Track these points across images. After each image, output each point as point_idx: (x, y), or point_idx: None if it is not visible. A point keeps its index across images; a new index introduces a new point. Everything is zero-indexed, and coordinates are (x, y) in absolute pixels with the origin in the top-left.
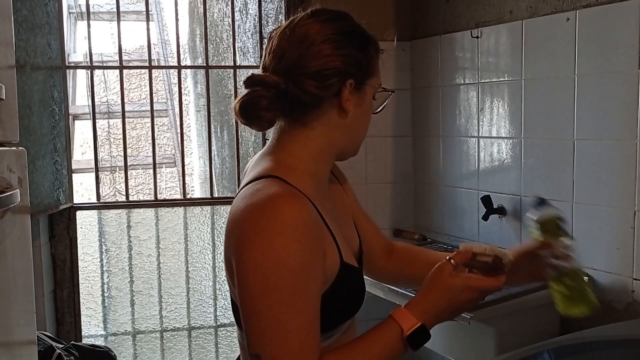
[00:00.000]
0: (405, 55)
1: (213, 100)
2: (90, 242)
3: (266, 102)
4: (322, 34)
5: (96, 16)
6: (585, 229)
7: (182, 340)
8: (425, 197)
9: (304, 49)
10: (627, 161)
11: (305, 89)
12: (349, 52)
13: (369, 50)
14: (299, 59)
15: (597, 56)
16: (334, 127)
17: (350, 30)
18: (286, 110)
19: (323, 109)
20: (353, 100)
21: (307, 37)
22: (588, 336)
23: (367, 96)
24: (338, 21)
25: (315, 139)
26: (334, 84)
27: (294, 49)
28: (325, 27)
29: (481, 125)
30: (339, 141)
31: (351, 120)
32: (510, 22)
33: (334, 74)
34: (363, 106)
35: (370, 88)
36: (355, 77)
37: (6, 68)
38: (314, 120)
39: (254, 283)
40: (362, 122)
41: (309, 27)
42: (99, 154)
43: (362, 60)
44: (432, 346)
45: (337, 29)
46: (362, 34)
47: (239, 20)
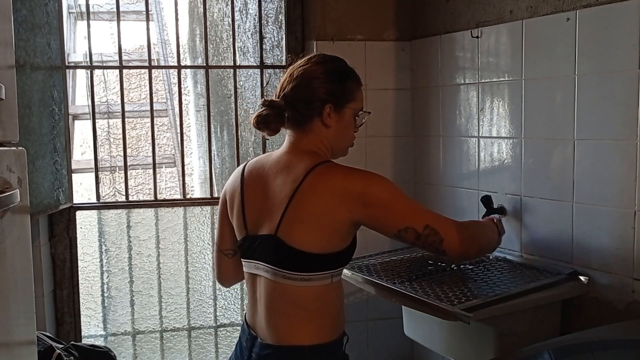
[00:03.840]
0: (405, 55)
1: (213, 100)
2: (90, 242)
3: (272, 117)
4: (313, 74)
5: (96, 16)
6: (585, 229)
7: (182, 340)
8: (425, 197)
9: (299, 83)
10: (627, 161)
11: (297, 109)
12: (329, 87)
13: (348, 84)
14: (295, 90)
15: (597, 56)
16: (324, 135)
17: (333, 70)
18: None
19: (314, 122)
20: (334, 118)
21: (303, 75)
22: (588, 336)
23: (346, 116)
24: (326, 64)
25: (317, 140)
26: (317, 107)
27: (294, 83)
28: (316, 68)
29: (481, 125)
30: (329, 144)
31: (335, 131)
32: (511, 22)
33: (317, 100)
34: (343, 122)
35: (349, 110)
36: (333, 103)
37: (6, 68)
38: (310, 130)
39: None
40: (345, 133)
41: (306, 68)
42: (98, 154)
43: (340, 91)
44: (432, 346)
45: (323, 70)
46: (343, 72)
47: (239, 20)
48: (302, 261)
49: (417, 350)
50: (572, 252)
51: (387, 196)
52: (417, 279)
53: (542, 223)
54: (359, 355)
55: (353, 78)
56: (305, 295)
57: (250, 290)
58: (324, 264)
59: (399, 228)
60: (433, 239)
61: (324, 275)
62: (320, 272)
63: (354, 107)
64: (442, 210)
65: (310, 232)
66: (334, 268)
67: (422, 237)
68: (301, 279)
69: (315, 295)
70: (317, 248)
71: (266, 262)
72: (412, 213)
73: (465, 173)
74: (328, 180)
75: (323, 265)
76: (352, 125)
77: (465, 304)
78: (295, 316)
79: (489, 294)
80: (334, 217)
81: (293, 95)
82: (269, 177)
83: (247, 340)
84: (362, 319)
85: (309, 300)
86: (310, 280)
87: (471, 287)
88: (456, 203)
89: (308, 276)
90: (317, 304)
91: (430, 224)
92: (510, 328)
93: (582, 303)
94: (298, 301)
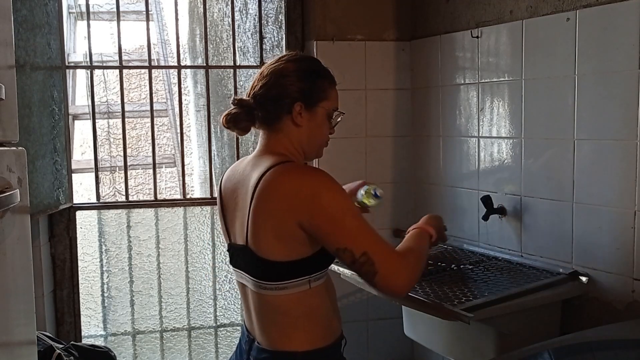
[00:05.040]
0: (405, 55)
1: (213, 100)
2: (90, 242)
3: (241, 116)
4: (285, 71)
5: (96, 16)
6: (585, 229)
7: (182, 340)
8: (425, 197)
9: (269, 80)
10: (627, 161)
11: (266, 108)
12: (300, 85)
13: (319, 83)
14: (265, 87)
15: (597, 56)
16: (294, 135)
17: (305, 68)
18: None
19: (284, 121)
20: (306, 117)
21: (274, 73)
22: (588, 336)
23: (319, 115)
24: (298, 62)
25: (286, 141)
26: (287, 105)
27: (264, 81)
28: (289, 66)
29: (481, 125)
30: (300, 144)
31: (306, 131)
32: (511, 22)
33: (287, 98)
34: (316, 121)
35: (321, 109)
36: (303, 101)
37: (6, 68)
38: (280, 129)
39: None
40: (318, 133)
41: (277, 66)
42: (98, 154)
43: (312, 89)
44: (432, 346)
45: (296, 68)
46: (316, 71)
47: (239, 20)
48: (272, 270)
49: (417, 350)
50: (572, 252)
51: (335, 210)
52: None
53: (542, 223)
54: (359, 355)
55: (325, 77)
56: (285, 304)
57: (242, 298)
58: (294, 271)
59: (337, 247)
60: (367, 269)
61: (299, 282)
62: (293, 279)
63: (326, 106)
64: (442, 210)
65: (270, 240)
66: (309, 274)
67: (357, 264)
68: (276, 288)
69: (295, 303)
70: (282, 256)
71: (247, 273)
72: (356, 235)
73: (465, 173)
74: (278, 184)
75: (294, 272)
76: (325, 125)
77: (466, 304)
78: (283, 324)
79: (489, 294)
80: (285, 223)
81: (262, 93)
82: (238, 183)
83: (246, 342)
84: (362, 319)
85: (291, 308)
86: (285, 289)
87: (471, 287)
88: (456, 203)
89: (283, 284)
90: (300, 310)
91: (368, 252)
92: (510, 328)
93: (582, 303)
94: (280, 309)
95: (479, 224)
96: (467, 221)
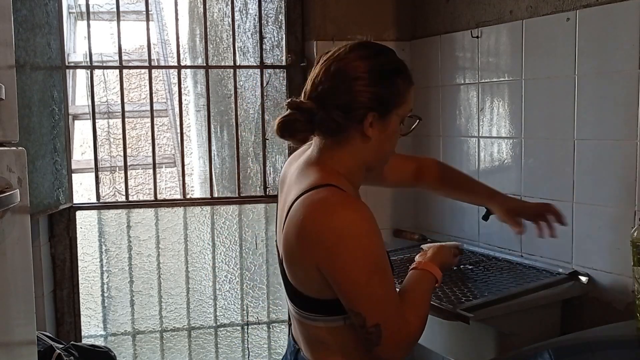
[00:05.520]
0: (405, 55)
1: (213, 100)
2: (90, 242)
3: (300, 124)
4: (356, 72)
5: (96, 16)
6: (585, 229)
7: (182, 340)
8: (425, 197)
9: (338, 83)
10: (627, 161)
11: (332, 117)
12: (375, 90)
13: (397, 85)
14: (331, 91)
15: (597, 56)
16: (361, 148)
17: (381, 68)
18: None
19: (350, 134)
20: (377, 128)
21: (342, 73)
22: (588, 336)
23: (392, 123)
24: (373, 59)
25: (346, 156)
26: (358, 115)
27: (330, 81)
28: (359, 64)
29: (481, 125)
30: (366, 158)
31: (376, 143)
32: (511, 22)
33: (359, 107)
34: (387, 131)
35: (396, 116)
36: (378, 111)
37: (6, 68)
38: (345, 141)
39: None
40: (387, 144)
41: (346, 63)
42: (98, 154)
43: (388, 95)
44: (432, 346)
45: (370, 67)
46: (393, 70)
47: (239, 20)
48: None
49: (417, 350)
50: (572, 252)
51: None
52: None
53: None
54: None
55: (404, 76)
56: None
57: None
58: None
59: (350, 307)
60: (373, 340)
61: (333, 319)
62: (326, 316)
63: (402, 112)
64: (442, 210)
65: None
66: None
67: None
68: (307, 317)
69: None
70: (312, 292)
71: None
72: (375, 304)
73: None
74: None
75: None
76: (396, 133)
77: (466, 304)
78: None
79: (489, 294)
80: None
81: (328, 97)
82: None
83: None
84: None
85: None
86: (316, 321)
87: (471, 287)
88: (456, 203)
89: (314, 317)
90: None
91: (381, 325)
92: (510, 328)
93: (582, 303)
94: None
95: (479, 224)
96: (467, 221)
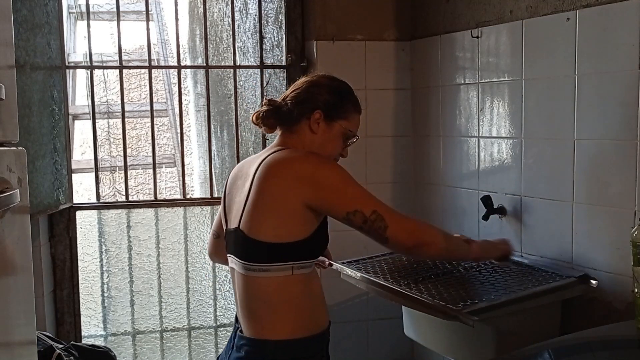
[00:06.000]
0: (405, 55)
1: (213, 100)
2: (90, 242)
3: (269, 113)
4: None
5: (96, 16)
6: (585, 229)
7: (182, 340)
8: (425, 197)
9: (300, 87)
10: (627, 161)
11: (290, 108)
12: (326, 97)
13: (346, 104)
14: (295, 92)
15: (597, 56)
16: (308, 139)
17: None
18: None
19: (301, 125)
20: (322, 127)
21: (306, 82)
22: (588, 336)
23: (335, 129)
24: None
25: (297, 140)
26: (308, 109)
27: (296, 87)
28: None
29: (481, 125)
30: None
31: (320, 139)
32: (511, 22)
33: (310, 103)
34: (330, 134)
35: (339, 126)
36: (325, 112)
37: (6, 68)
38: (296, 131)
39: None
40: (329, 146)
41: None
42: (98, 154)
43: (337, 106)
44: (432, 346)
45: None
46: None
47: (239, 20)
48: (259, 251)
49: (417, 350)
50: (572, 252)
51: (338, 179)
52: (423, 281)
53: (542, 223)
54: (359, 355)
55: (353, 101)
56: (265, 288)
57: (232, 286)
58: (281, 253)
59: (347, 210)
60: (378, 225)
61: (282, 267)
62: (277, 262)
63: (345, 125)
64: (442, 210)
65: (265, 220)
66: (294, 259)
67: (369, 222)
68: (259, 269)
69: (274, 288)
70: (273, 236)
71: (235, 256)
72: (362, 198)
73: (465, 173)
74: (279, 165)
75: (280, 255)
76: (338, 141)
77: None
78: (259, 310)
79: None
80: (286, 200)
81: (292, 95)
82: (241, 171)
83: (233, 331)
84: (362, 319)
85: (269, 293)
86: (268, 271)
87: (478, 289)
88: (456, 203)
89: (266, 267)
90: (278, 297)
91: (377, 210)
92: (510, 328)
93: (582, 303)
94: (258, 294)
95: (479, 224)
96: (467, 221)
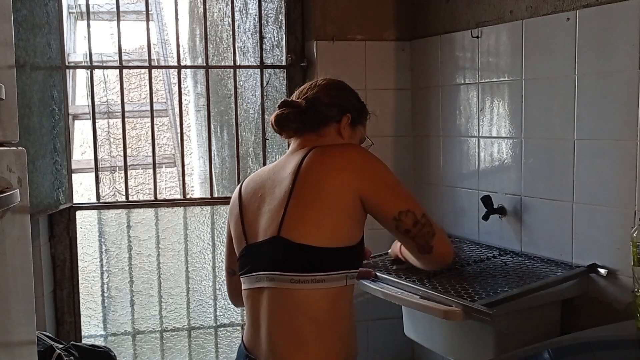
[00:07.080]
0: (405, 55)
1: (213, 100)
2: (90, 242)
3: (292, 116)
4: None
5: (96, 16)
6: (585, 229)
7: (182, 340)
8: (425, 197)
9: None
10: (627, 161)
11: (318, 109)
12: (354, 101)
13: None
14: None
15: (597, 56)
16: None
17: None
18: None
19: (329, 128)
20: (348, 132)
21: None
22: (588, 336)
23: (357, 135)
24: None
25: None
26: (338, 113)
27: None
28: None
29: (481, 125)
30: None
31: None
32: (511, 22)
33: (341, 106)
34: (354, 139)
35: (359, 132)
36: (353, 116)
37: (6, 68)
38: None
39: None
40: None
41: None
42: (98, 154)
43: (361, 112)
44: (432, 346)
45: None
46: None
47: (239, 20)
48: (312, 258)
49: (417, 350)
50: (572, 252)
51: (391, 175)
52: (435, 277)
53: (542, 223)
54: (359, 355)
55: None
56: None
57: (250, 309)
58: (337, 260)
59: (400, 209)
60: (427, 230)
61: (337, 276)
62: (333, 271)
63: (362, 132)
64: (442, 210)
65: (317, 221)
66: (348, 267)
67: (419, 225)
68: (312, 280)
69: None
70: (327, 240)
71: (270, 270)
72: (412, 199)
73: (465, 173)
74: (327, 158)
75: (336, 262)
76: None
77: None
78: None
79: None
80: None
81: (317, 96)
82: (265, 181)
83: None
84: (362, 319)
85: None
86: (322, 282)
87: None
88: (456, 203)
89: (320, 276)
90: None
91: (426, 215)
92: (510, 328)
93: (582, 303)
94: (308, 312)
95: (479, 224)
96: (467, 221)
